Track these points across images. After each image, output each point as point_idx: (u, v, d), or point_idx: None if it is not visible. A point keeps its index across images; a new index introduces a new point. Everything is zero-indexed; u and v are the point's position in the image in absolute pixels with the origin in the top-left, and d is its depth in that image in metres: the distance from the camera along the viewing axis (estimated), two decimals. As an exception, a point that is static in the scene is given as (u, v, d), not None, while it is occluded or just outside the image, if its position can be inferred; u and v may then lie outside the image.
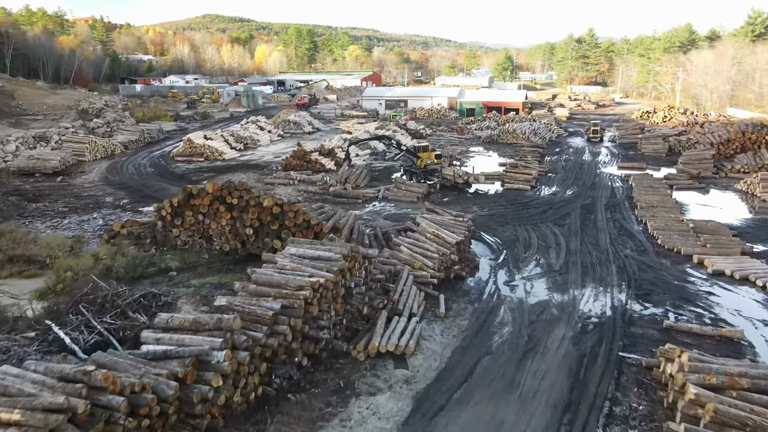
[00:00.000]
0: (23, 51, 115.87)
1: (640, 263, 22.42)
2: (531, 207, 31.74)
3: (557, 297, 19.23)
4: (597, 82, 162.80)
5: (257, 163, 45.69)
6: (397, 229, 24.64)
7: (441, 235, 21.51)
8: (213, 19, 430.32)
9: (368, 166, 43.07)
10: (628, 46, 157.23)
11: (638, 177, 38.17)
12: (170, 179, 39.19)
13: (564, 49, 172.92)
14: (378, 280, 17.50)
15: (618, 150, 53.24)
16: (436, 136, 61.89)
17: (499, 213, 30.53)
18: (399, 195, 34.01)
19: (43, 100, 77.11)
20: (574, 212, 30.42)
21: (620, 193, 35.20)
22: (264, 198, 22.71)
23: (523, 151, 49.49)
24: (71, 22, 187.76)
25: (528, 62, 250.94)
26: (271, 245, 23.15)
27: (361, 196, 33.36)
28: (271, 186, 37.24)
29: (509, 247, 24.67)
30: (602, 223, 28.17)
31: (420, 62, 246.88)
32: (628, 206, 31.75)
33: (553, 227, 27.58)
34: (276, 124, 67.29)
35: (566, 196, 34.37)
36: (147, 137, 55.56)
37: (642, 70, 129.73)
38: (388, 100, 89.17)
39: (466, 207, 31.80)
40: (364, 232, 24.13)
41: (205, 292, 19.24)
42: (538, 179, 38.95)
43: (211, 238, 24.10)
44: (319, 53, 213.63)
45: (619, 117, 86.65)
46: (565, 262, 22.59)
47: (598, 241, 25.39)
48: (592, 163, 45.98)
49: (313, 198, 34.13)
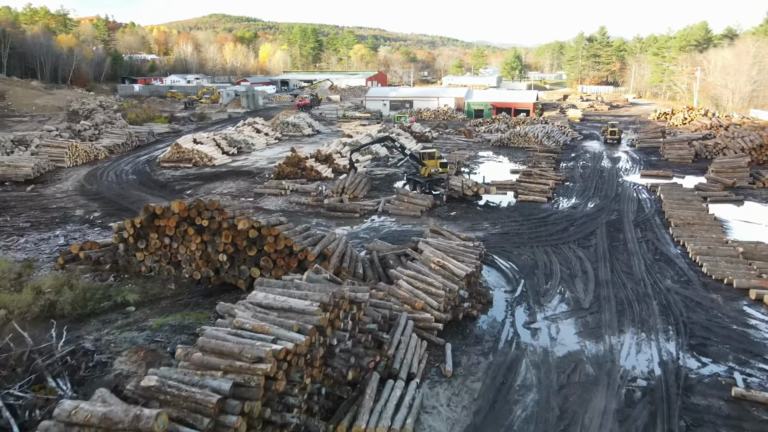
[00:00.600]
0: (21, 50, 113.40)
1: (686, 299, 18.78)
2: (549, 223, 28.13)
3: (590, 347, 15.65)
4: (608, 81, 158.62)
5: (249, 170, 42.30)
6: (396, 253, 21.12)
7: (448, 265, 17.98)
8: (220, 19, 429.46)
9: (368, 174, 39.58)
10: (641, 45, 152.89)
11: (667, 187, 34.47)
12: (152, 188, 35.85)
13: (574, 48, 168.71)
14: (368, 331, 14.00)
15: (639, 155, 49.45)
16: (442, 140, 58.34)
17: (513, 231, 26.95)
18: (401, 208, 30.50)
19: (34, 101, 74.15)
20: (599, 230, 26.78)
21: (648, 206, 31.51)
22: (239, 220, 19.26)
23: (536, 157, 45.83)
24: (74, 21, 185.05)
25: (536, 61, 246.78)
26: (248, 274, 19.79)
27: (359, 210, 29.87)
28: (260, 197, 33.87)
29: (527, 275, 21.09)
30: (633, 245, 24.52)
31: (427, 62, 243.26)
32: (659, 223, 28.06)
33: (577, 249, 23.97)
34: (274, 126, 63.97)
35: (588, 210, 30.73)
36: (136, 140, 52.32)
37: (656, 70, 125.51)
38: (392, 101, 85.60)
39: (476, 223, 28.25)
40: (357, 258, 20.64)
41: (161, 338, 15.83)
42: (555, 189, 35.33)
43: (180, 264, 20.73)
44: (324, 52, 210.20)
45: (635, 118, 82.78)
46: (596, 297, 19.00)
47: (631, 268, 21.76)
48: (613, 171, 42.24)
49: (305, 211, 30.72)
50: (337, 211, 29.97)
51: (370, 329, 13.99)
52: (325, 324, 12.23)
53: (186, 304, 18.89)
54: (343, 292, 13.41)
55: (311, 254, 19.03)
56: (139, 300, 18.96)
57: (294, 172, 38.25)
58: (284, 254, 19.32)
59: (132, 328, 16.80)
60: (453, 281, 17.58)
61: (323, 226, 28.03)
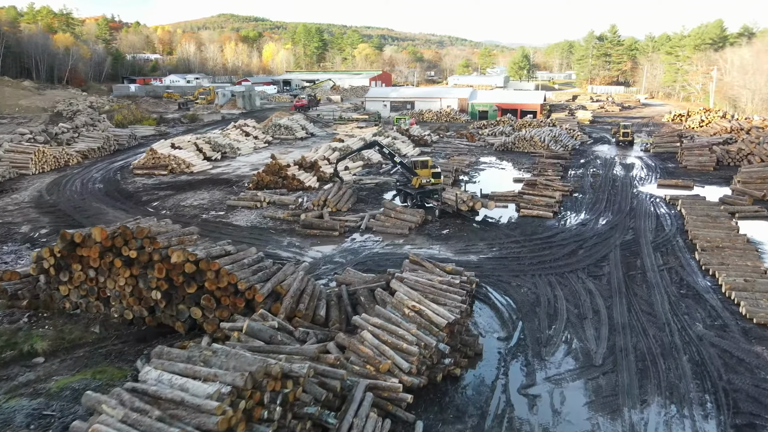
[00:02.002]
0: (16, 50, 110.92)
1: (724, 353, 15.11)
2: (554, 245, 24.46)
3: (606, 426, 12.06)
4: (620, 81, 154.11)
5: (228, 178, 38.91)
6: (370, 287, 17.59)
7: (425, 312, 14.43)
8: (228, 19, 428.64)
9: (357, 184, 36.08)
10: (654, 44, 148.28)
11: (688, 201, 30.68)
12: (115, 200, 32.54)
13: (584, 47, 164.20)
14: (306, 417, 10.48)
15: (654, 161, 45.56)
16: (442, 144, 54.72)
17: (512, 254, 23.32)
18: (386, 225, 26.95)
19: (18, 102, 71.27)
20: (613, 254, 23.09)
21: (668, 223, 27.74)
22: (172, 251, 15.81)
23: (542, 164, 42.12)
24: (77, 21, 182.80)
25: (545, 61, 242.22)
26: (188, 314, 16.35)
27: (339, 227, 26.33)
28: (233, 210, 30.46)
29: (527, 315, 17.49)
30: (653, 275, 20.82)
31: (434, 61, 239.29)
32: (682, 245, 24.30)
33: (587, 280, 20.32)
34: (266, 128, 60.63)
35: (599, 228, 27.02)
36: (115, 144, 49.12)
37: (669, 69, 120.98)
38: (393, 102, 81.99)
39: (471, 244, 24.65)
40: (321, 295, 17.12)
41: (55, 410, 12.41)
42: (562, 202, 31.66)
43: (110, 300, 17.34)
44: (329, 52, 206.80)
45: (648, 120, 78.73)
46: (610, 349, 15.36)
47: (652, 306, 18.09)
48: (627, 180, 38.42)
49: (279, 227, 27.26)
50: (314, 228, 26.47)
51: (308, 414, 10.46)
52: (237, 418, 8.74)
53: (107, 354, 15.49)
54: (269, 368, 9.91)
55: (259, 294, 15.55)
56: (52, 348, 15.61)
57: (274, 182, 34.81)
58: (229, 292, 15.89)
59: (26, 391, 13.42)
60: (431, 332, 14.04)
61: (295, 246, 24.58)
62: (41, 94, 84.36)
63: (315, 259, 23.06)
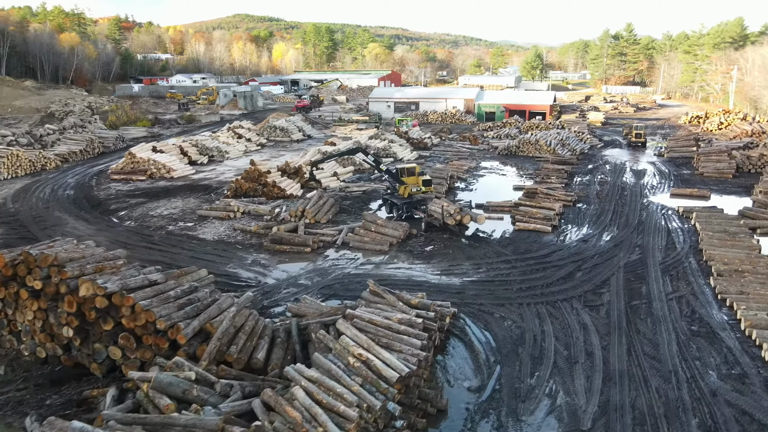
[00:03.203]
0: (22, 50, 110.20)
1: (743, 416, 12.32)
2: (549, 265, 21.71)
3: None
4: (635, 81, 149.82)
5: (208, 184, 36.62)
6: (324, 321, 15.03)
7: (374, 362, 11.86)
8: (243, 19, 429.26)
9: (342, 192, 33.58)
10: (671, 43, 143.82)
11: (704, 213, 27.70)
12: (81, 209, 30.35)
13: (599, 46, 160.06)
14: None
15: (668, 167, 42.41)
16: (443, 147, 51.99)
17: (500, 277, 20.63)
18: (365, 240, 24.39)
19: (13, 102, 69.86)
20: (615, 278, 20.30)
21: (681, 239, 24.82)
22: (82, 282, 13.41)
23: (545, 170, 39.25)
24: (89, 21, 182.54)
25: (560, 61, 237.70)
26: (106, 354, 13.96)
27: (311, 243, 23.81)
28: (204, 221, 28.11)
29: (507, 357, 14.84)
30: (660, 305, 18.01)
31: (446, 61, 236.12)
32: (696, 267, 21.42)
33: (582, 311, 17.58)
34: (262, 130, 58.37)
35: (602, 245, 24.19)
36: (99, 147, 47.13)
37: (687, 69, 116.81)
38: (397, 103, 79.33)
39: (455, 263, 22.01)
40: (264, 331, 14.61)
41: None
42: (563, 214, 28.85)
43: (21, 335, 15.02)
44: (339, 51, 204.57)
45: (664, 122, 75.22)
46: (603, 407, 12.65)
47: (657, 348, 15.32)
48: (637, 188, 35.42)
49: (248, 242, 24.85)
50: (284, 244, 23.98)
51: None
52: None
53: (5, 403, 13.15)
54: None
55: (181, 335, 13.09)
56: (-57, 393, 13.32)
57: (254, 189, 32.42)
58: (150, 330, 13.46)
59: None
60: (379, 388, 11.47)
61: (260, 264, 22.13)
62: (40, 94, 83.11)
63: (278, 280, 20.60)
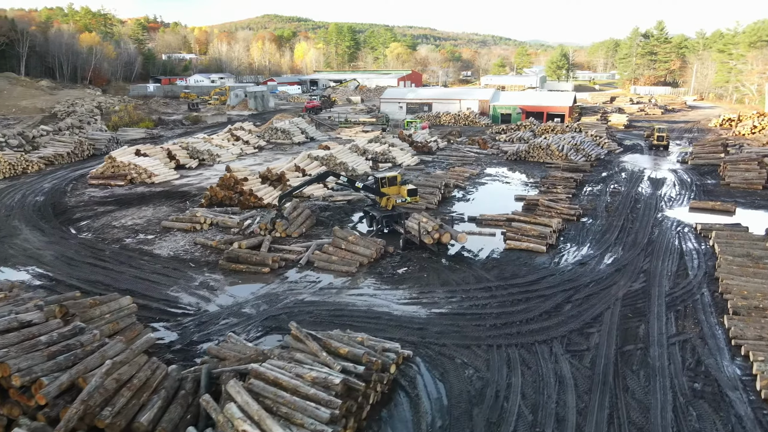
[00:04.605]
0: (42, 50, 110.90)
1: None
2: (535, 295, 18.75)
3: None
4: (666, 82, 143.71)
5: (189, 191, 34.48)
6: (238, 369, 12.45)
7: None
8: (272, 19, 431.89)
9: (324, 201, 31.02)
10: (705, 41, 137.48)
11: (725, 232, 24.28)
12: (42, 217, 28.44)
13: (628, 44, 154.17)
14: None
15: (691, 176, 38.68)
16: (449, 151, 49.02)
17: (474, 309, 17.77)
18: (333, 260, 21.77)
19: (19, 102, 69.37)
20: (610, 313, 17.23)
21: (695, 264, 21.52)
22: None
23: (552, 178, 36.04)
24: (114, 21, 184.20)
25: (589, 60, 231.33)
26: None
27: (270, 263, 21.29)
28: (168, 232, 25.88)
29: (456, 423, 12.04)
30: (659, 353, 14.92)
31: (471, 60, 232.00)
32: (708, 301, 18.19)
33: (563, 357, 14.65)
34: (263, 132, 56.32)
35: (602, 270, 21.07)
36: (90, 149, 45.59)
37: (721, 69, 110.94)
38: (410, 104, 76.39)
39: (427, 290, 19.22)
40: (163, 383, 12.11)
41: None
42: (564, 231, 25.75)
43: None
44: (361, 51, 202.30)
45: (693, 125, 70.68)
46: (563, 504, 9.76)
47: (647, 413, 12.32)
48: (652, 200, 31.97)
49: (204, 259, 22.49)
50: (240, 263, 21.52)
51: None
52: None
53: None
54: None
55: (40, 395, 10.65)
56: None
57: (229, 197, 30.12)
58: (11, 384, 11.08)
59: None
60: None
61: (207, 287, 19.73)
62: (52, 94, 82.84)
63: (221, 308, 18.13)
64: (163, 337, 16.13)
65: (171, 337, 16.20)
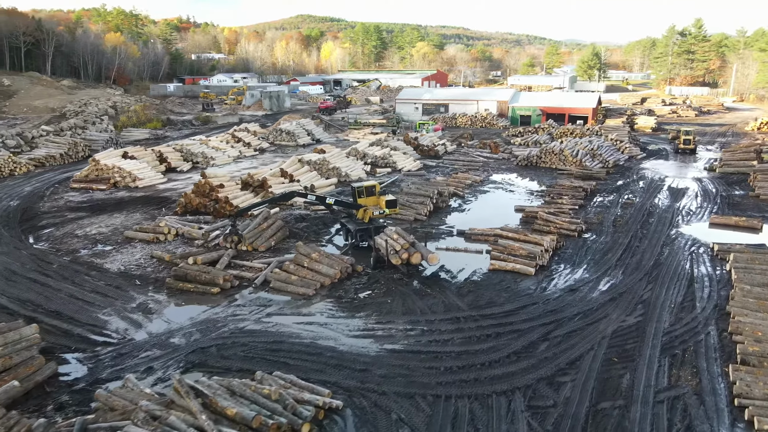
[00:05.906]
0: (67, 49, 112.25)
1: None
2: (508, 330, 16.15)
3: None
4: (705, 82, 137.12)
5: (170, 196, 32.81)
6: (114, 426, 10.35)
7: None
8: (305, 19, 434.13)
9: (305, 210, 28.85)
10: (746, 40, 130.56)
11: (744, 255, 21.15)
12: (5, 225, 27.05)
13: (663, 43, 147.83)
14: None
15: (717, 185, 35.15)
16: (457, 155, 46.35)
17: (433, 345, 15.30)
18: (291, 280, 19.58)
19: (32, 102, 69.46)
20: (591, 357, 14.55)
21: (705, 293, 18.55)
22: None
23: (560, 187, 33.12)
24: (147, 21, 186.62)
25: (625, 60, 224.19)
26: None
27: (221, 282, 19.24)
28: (129, 242, 24.14)
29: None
30: (642, 413, 12.20)
31: (501, 60, 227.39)
32: (714, 342, 15.29)
33: (522, 415, 12.09)
34: (268, 134, 54.64)
35: (594, 299, 18.31)
36: (85, 150, 44.55)
37: (763, 68, 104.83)
38: (425, 104, 73.79)
39: (385, 320, 16.84)
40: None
41: None
42: (560, 248, 22.96)
43: None
44: (388, 51, 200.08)
45: (728, 128, 66.06)
46: None
47: (609, 505, 9.70)
48: (667, 213, 28.77)
49: (155, 275, 20.57)
50: (188, 281, 19.52)
51: None
52: None
53: None
54: None
55: None
56: None
57: (204, 205, 28.27)
58: None
59: None
60: None
61: (145, 309, 17.78)
62: (71, 94, 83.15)
63: (149, 336, 16.14)
64: (70, 372, 14.22)
65: (79, 372, 14.27)
